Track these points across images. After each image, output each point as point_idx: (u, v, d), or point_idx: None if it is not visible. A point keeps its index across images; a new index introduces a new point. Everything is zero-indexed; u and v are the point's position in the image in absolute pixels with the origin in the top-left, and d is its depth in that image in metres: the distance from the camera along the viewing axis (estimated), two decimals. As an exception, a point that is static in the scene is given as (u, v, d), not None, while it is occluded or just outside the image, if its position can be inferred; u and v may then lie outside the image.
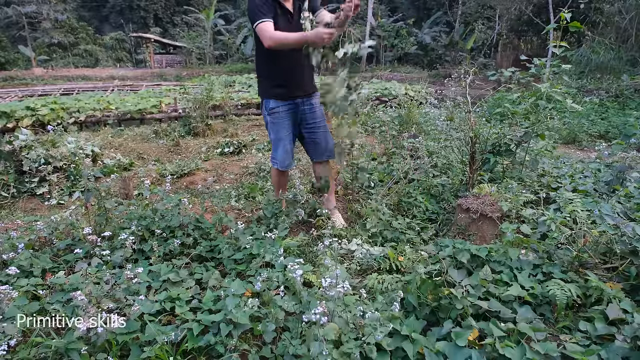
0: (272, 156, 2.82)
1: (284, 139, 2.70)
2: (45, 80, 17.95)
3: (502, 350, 1.55)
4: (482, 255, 2.10)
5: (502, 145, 3.08)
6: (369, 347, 1.51)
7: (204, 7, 26.05)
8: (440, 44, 21.51)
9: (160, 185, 3.55)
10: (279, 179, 2.90)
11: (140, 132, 6.90)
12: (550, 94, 2.93)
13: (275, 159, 2.77)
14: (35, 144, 4.11)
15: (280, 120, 2.66)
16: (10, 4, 24.23)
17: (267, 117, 2.68)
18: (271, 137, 2.75)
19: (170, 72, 20.88)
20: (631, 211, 2.50)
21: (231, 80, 13.86)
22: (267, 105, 2.66)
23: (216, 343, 1.59)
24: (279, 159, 2.75)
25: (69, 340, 1.50)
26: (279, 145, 2.71)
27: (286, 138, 2.71)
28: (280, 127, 2.67)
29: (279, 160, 2.75)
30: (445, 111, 3.50)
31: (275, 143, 2.73)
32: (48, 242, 2.54)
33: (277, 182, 2.92)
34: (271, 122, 2.68)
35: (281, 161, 2.75)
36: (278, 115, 2.64)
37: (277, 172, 2.85)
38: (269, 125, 2.72)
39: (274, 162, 2.81)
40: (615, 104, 8.01)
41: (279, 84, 2.59)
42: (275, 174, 2.89)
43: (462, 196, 2.79)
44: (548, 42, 12.09)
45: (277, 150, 2.74)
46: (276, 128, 2.68)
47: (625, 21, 11.20)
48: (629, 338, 1.58)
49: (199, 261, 2.38)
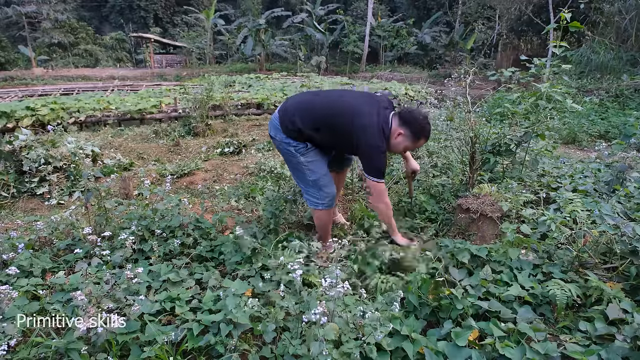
0: (315, 199, 2.33)
1: (327, 172, 2.35)
2: (45, 80, 17.95)
3: (502, 350, 1.55)
4: (482, 256, 2.10)
5: (502, 145, 3.08)
6: (369, 347, 1.51)
7: (204, 7, 26.05)
8: (440, 44, 21.51)
9: (160, 185, 3.55)
10: (329, 217, 2.44)
11: (140, 132, 6.90)
12: (550, 94, 2.93)
13: (322, 199, 2.32)
14: (35, 144, 4.11)
15: (316, 157, 2.29)
16: (10, 4, 24.22)
17: (300, 158, 2.25)
18: (311, 179, 2.29)
19: (170, 72, 20.88)
20: (631, 211, 2.50)
21: (231, 80, 13.86)
22: (299, 147, 2.25)
23: (216, 343, 1.59)
24: (330, 195, 2.32)
25: (69, 340, 1.50)
26: (325, 181, 2.31)
27: (327, 171, 2.36)
28: (318, 164, 2.30)
29: (330, 198, 2.33)
30: (445, 111, 3.50)
31: (318, 183, 2.30)
32: (48, 242, 2.54)
33: (328, 221, 2.45)
34: (308, 163, 2.26)
35: (332, 197, 2.34)
36: (314, 152, 2.28)
37: (327, 213, 2.39)
38: (304, 167, 2.27)
39: (319, 205, 2.34)
40: (615, 104, 8.01)
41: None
42: (325, 217, 2.40)
43: (462, 196, 2.79)
44: (548, 42, 12.11)
45: (325, 189, 2.30)
46: (316, 167, 2.29)
47: (625, 21, 11.19)
48: (629, 338, 1.58)
49: (199, 261, 2.38)
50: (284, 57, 22.97)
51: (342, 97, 2.28)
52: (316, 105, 2.25)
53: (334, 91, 2.45)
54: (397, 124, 2.20)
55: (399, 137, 2.20)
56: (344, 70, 20.72)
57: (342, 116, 2.16)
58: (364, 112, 2.14)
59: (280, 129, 2.24)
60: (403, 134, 2.19)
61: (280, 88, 11.02)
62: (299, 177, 2.36)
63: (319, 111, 2.21)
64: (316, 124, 2.19)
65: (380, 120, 2.14)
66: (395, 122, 2.21)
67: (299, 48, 21.81)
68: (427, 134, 2.24)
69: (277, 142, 2.31)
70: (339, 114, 2.18)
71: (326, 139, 2.25)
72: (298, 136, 2.22)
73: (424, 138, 2.23)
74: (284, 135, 2.24)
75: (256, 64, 21.26)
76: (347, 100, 2.24)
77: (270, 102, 8.95)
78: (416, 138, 2.21)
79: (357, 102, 2.21)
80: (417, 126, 2.17)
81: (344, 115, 2.16)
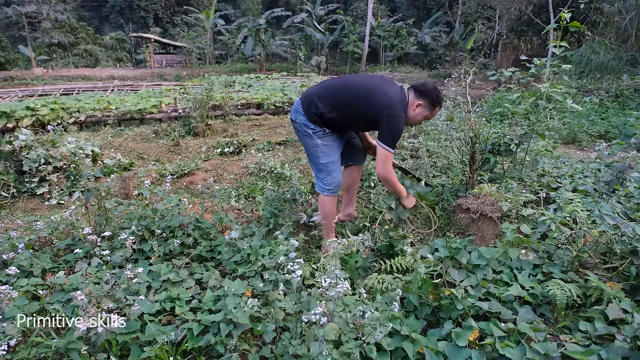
0: (322, 184, 2.47)
1: (338, 160, 2.47)
2: (45, 80, 17.95)
3: (502, 350, 1.55)
4: (482, 264, 2.08)
5: (502, 145, 3.08)
6: (369, 347, 1.51)
7: (204, 7, 26.06)
8: (440, 44, 21.52)
9: (160, 185, 3.55)
10: (333, 206, 2.54)
11: (140, 132, 6.90)
12: (550, 94, 2.93)
13: (329, 185, 2.44)
14: (35, 144, 4.11)
15: (332, 142, 2.42)
16: (10, 4, 24.23)
17: (318, 140, 2.37)
18: (322, 162, 2.42)
19: (170, 72, 20.88)
20: (631, 211, 2.50)
21: (231, 80, 13.87)
22: (317, 130, 2.37)
23: (216, 343, 1.59)
24: (336, 182, 2.45)
25: (69, 340, 1.50)
26: (334, 168, 2.44)
27: (339, 158, 2.49)
28: (334, 149, 2.43)
29: (336, 184, 2.45)
30: (445, 111, 3.50)
31: (328, 167, 2.42)
32: (48, 242, 2.55)
33: (332, 210, 2.54)
34: (323, 145, 2.39)
35: (337, 184, 2.46)
36: (331, 137, 2.41)
37: (333, 200, 2.50)
38: (319, 149, 2.40)
39: (326, 191, 2.46)
40: (615, 104, 8.01)
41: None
42: (330, 203, 2.50)
43: (462, 196, 2.79)
44: (548, 42, 12.10)
45: (332, 174, 2.43)
46: (330, 151, 2.41)
47: (625, 21, 11.19)
48: (629, 338, 1.58)
49: (199, 261, 2.38)
50: (284, 57, 22.98)
51: (358, 77, 2.48)
52: (335, 86, 2.41)
53: (349, 75, 2.61)
54: (413, 97, 2.34)
55: (417, 108, 2.34)
56: (344, 70, 20.72)
57: (360, 91, 2.31)
58: (383, 87, 2.30)
59: (303, 112, 2.38)
60: (422, 104, 2.33)
61: (280, 88, 11.02)
62: (313, 160, 2.49)
63: (338, 91, 2.37)
64: (336, 103, 2.32)
65: (398, 94, 2.30)
66: (412, 95, 2.35)
67: (299, 48, 21.81)
68: (442, 102, 2.42)
69: (297, 125, 2.43)
70: (358, 90, 2.32)
71: (346, 118, 2.38)
72: (318, 120, 2.34)
73: (439, 106, 2.39)
74: (304, 118, 2.37)
75: (256, 64, 21.27)
76: (363, 80, 2.42)
77: (270, 102, 8.94)
78: (433, 107, 2.36)
79: (373, 80, 2.39)
80: (433, 96, 2.33)
81: (362, 91, 2.31)
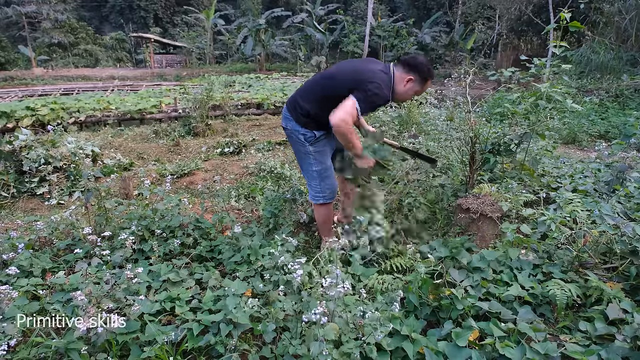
0: (315, 192, 2.42)
1: (330, 166, 2.43)
2: (45, 80, 17.95)
3: (502, 350, 1.55)
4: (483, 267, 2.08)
5: (502, 145, 3.08)
6: (369, 347, 1.51)
7: (204, 7, 26.06)
8: (440, 44, 21.51)
9: (160, 185, 3.55)
10: (329, 211, 2.51)
11: (140, 132, 6.90)
12: (550, 94, 2.93)
13: (324, 192, 2.40)
14: (35, 144, 4.11)
15: (323, 147, 2.37)
16: (10, 4, 24.23)
17: (309, 147, 2.33)
18: (315, 170, 2.37)
19: (170, 72, 20.88)
20: (631, 211, 2.50)
21: (231, 80, 13.86)
22: (307, 136, 2.30)
23: (216, 343, 1.59)
24: (331, 188, 2.41)
25: (69, 340, 1.50)
26: (328, 174, 2.40)
27: (331, 164, 2.45)
28: (326, 155, 2.39)
29: (331, 190, 2.41)
30: (445, 111, 3.50)
31: (321, 174, 2.38)
32: (48, 242, 2.55)
33: (329, 215, 2.51)
34: (315, 152, 2.34)
35: (333, 190, 2.42)
36: (322, 143, 2.36)
37: (328, 207, 2.47)
38: (311, 156, 2.35)
39: (320, 198, 2.42)
40: (615, 104, 8.01)
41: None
42: (325, 210, 2.47)
43: (462, 196, 2.79)
44: (548, 42, 12.10)
45: (326, 180, 2.39)
46: (322, 157, 2.37)
47: (625, 21, 11.19)
48: (629, 338, 1.58)
49: (199, 261, 2.38)
50: (284, 57, 22.98)
51: (338, 65, 2.37)
52: (311, 81, 2.35)
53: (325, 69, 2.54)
54: (402, 72, 2.21)
55: (408, 83, 2.21)
56: (344, 70, 20.65)
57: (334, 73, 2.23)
58: (365, 68, 2.18)
59: (292, 117, 2.31)
60: (413, 79, 2.20)
61: (280, 88, 11.02)
62: (305, 168, 2.43)
63: (314, 85, 2.29)
64: (315, 96, 2.24)
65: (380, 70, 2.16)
66: (399, 70, 2.22)
67: (299, 48, 21.80)
68: (433, 75, 2.28)
69: (289, 132, 2.37)
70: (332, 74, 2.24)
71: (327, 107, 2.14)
72: (308, 121, 2.27)
73: (430, 79, 2.26)
74: (295, 123, 2.30)
75: (256, 64, 21.27)
76: (337, 65, 2.34)
77: (270, 102, 8.94)
78: (424, 81, 2.24)
79: (354, 64, 2.30)
80: (424, 68, 2.19)
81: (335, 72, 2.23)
